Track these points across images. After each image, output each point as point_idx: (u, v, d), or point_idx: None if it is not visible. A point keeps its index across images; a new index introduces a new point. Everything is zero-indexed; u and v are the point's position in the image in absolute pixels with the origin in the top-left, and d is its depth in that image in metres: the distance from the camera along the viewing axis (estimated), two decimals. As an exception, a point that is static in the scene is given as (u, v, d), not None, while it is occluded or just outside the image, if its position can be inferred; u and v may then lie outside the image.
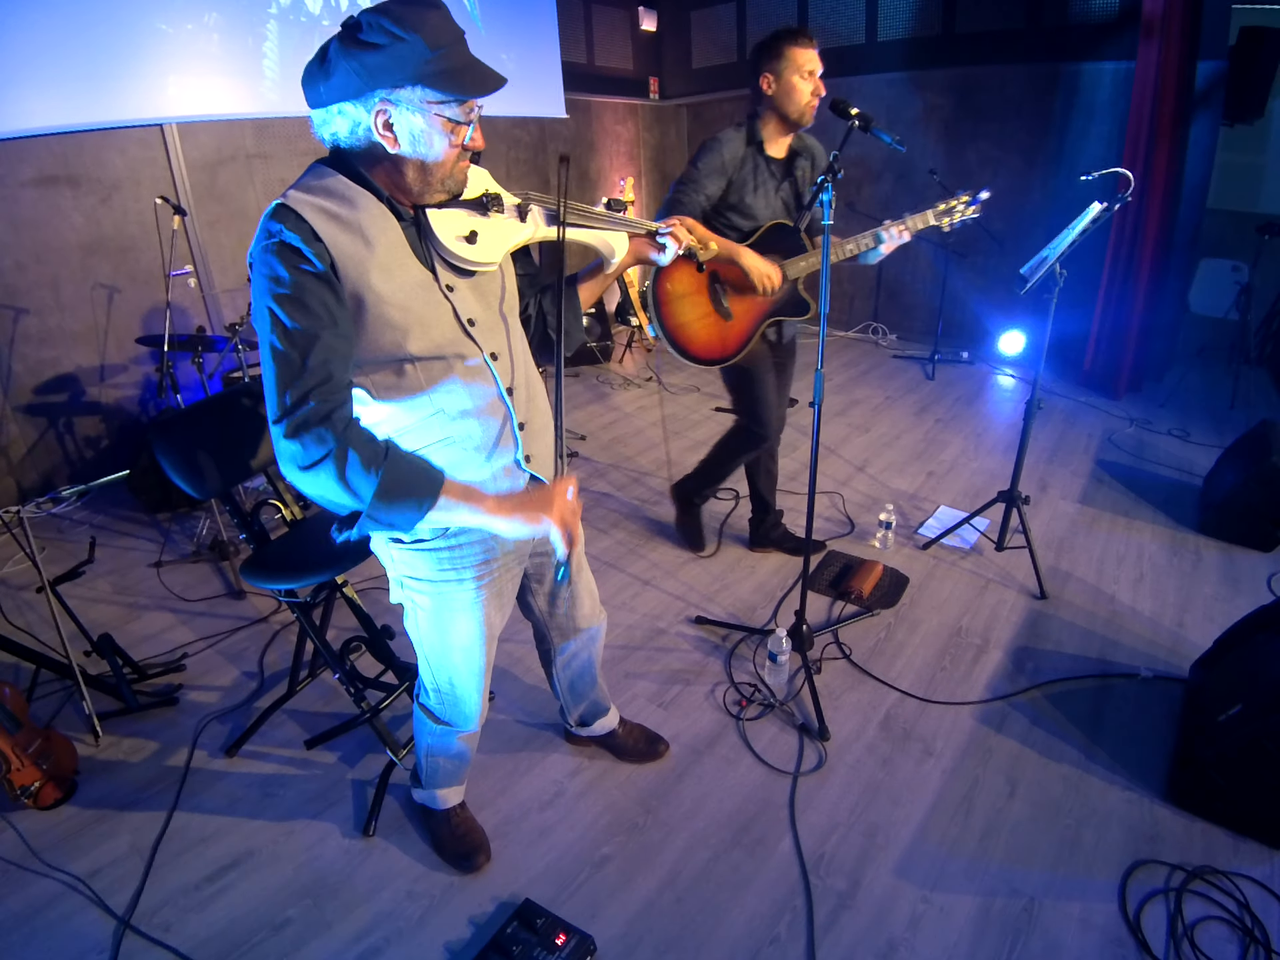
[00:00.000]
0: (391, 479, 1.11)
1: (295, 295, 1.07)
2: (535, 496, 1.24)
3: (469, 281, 1.27)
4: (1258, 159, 5.27)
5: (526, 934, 1.54)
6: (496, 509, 1.21)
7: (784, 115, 2.30)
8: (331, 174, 1.14)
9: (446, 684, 1.53)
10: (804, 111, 2.28)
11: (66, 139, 3.56)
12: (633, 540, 3.21)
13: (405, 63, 1.04)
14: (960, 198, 2.28)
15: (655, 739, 2.08)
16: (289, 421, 1.07)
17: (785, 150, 2.41)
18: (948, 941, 1.57)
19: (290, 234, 1.06)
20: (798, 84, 2.24)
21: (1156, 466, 3.73)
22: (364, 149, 1.13)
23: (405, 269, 1.17)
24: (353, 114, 1.08)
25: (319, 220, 1.09)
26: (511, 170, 5.72)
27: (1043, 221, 5.07)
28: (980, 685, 2.30)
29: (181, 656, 2.54)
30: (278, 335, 1.07)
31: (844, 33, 5.66)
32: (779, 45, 2.24)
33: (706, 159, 2.32)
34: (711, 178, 2.32)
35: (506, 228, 1.28)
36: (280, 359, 1.07)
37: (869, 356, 5.78)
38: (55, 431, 3.81)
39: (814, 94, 2.26)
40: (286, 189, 1.13)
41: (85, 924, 1.66)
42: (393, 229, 1.17)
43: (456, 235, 1.22)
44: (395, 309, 1.15)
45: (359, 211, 1.13)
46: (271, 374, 1.08)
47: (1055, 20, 4.76)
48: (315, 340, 1.07)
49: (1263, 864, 1.70)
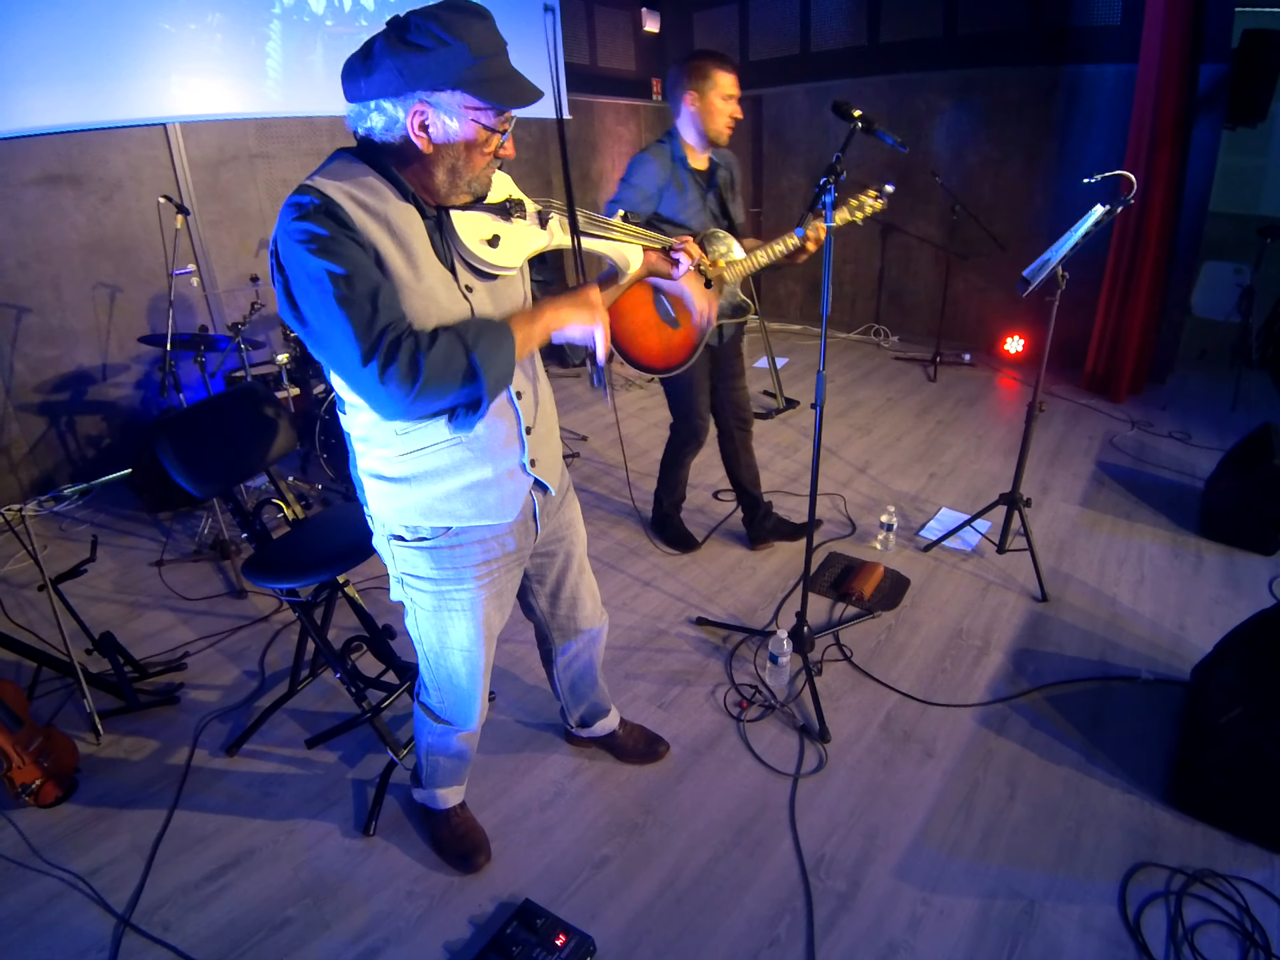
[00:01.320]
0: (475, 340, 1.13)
1: (340, 250, 1.05)
2: (579, 296, 1.28)
3: (486, 285, 1.27)
4: (1260, 161, 5.27)
5: (526, 934, 1.54)
6: (556, 309, 1.26)
7: (702, 132, 2.39)
8: (359, 165, 1.15)
9: (446, 683, 1.54)
10: (721, 132, 2.39)
11: (69, 138, 3.57)
12: (634, 541, 3.21)
13: (448, 67, 1.05)
14: (869, 192, 2.40)
15: (655, 740, 2.08)
16: (379, 356, 1.04)
17: (706, 163, 2.50)
18: (948, 943, 1.57)
19: (327, 204, 1.07)
20: (719, 105, 2.35)
21: (1158, 469, 3.73)
22: (397, 147, 1.13)
23: (429, 265, 1.18)
24: (390, 111, 1.09)
25: (348, 204, 1.09)
26: (512, 170, 5.67)
27: (1045, 224, 5.08)
28: (981, 687, 2.30)
29: (182, 655, 2.54)
30: (341, 286, 1.03)
31: (847, 35, 5.66)
32: (705, 66, 2.35)
33: (636, 176, 2.39)
34: (640, 195, 2.38)
35: (527, 234, 1.30)
36: (350, 307, 1.04)
37: (871, 358, 5.78)
38: (57, 430, 3.82)
39: (731, 116, 2.37)
40: (310, 174, 1.13)
41: (85, 922, 1.66)
42: (417, 224, 1.17)
43: (480, 238, 1.23)
44: (420, 299, 1.16)
45: (386, 203, 1.14)
46: (343, 326, 1.04)
47: (1057, 23, 4.76)
48: (378, 287, 1.07)
49: (1263, 867, 1.70)
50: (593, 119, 6.43)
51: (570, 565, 1.65)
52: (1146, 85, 4.11)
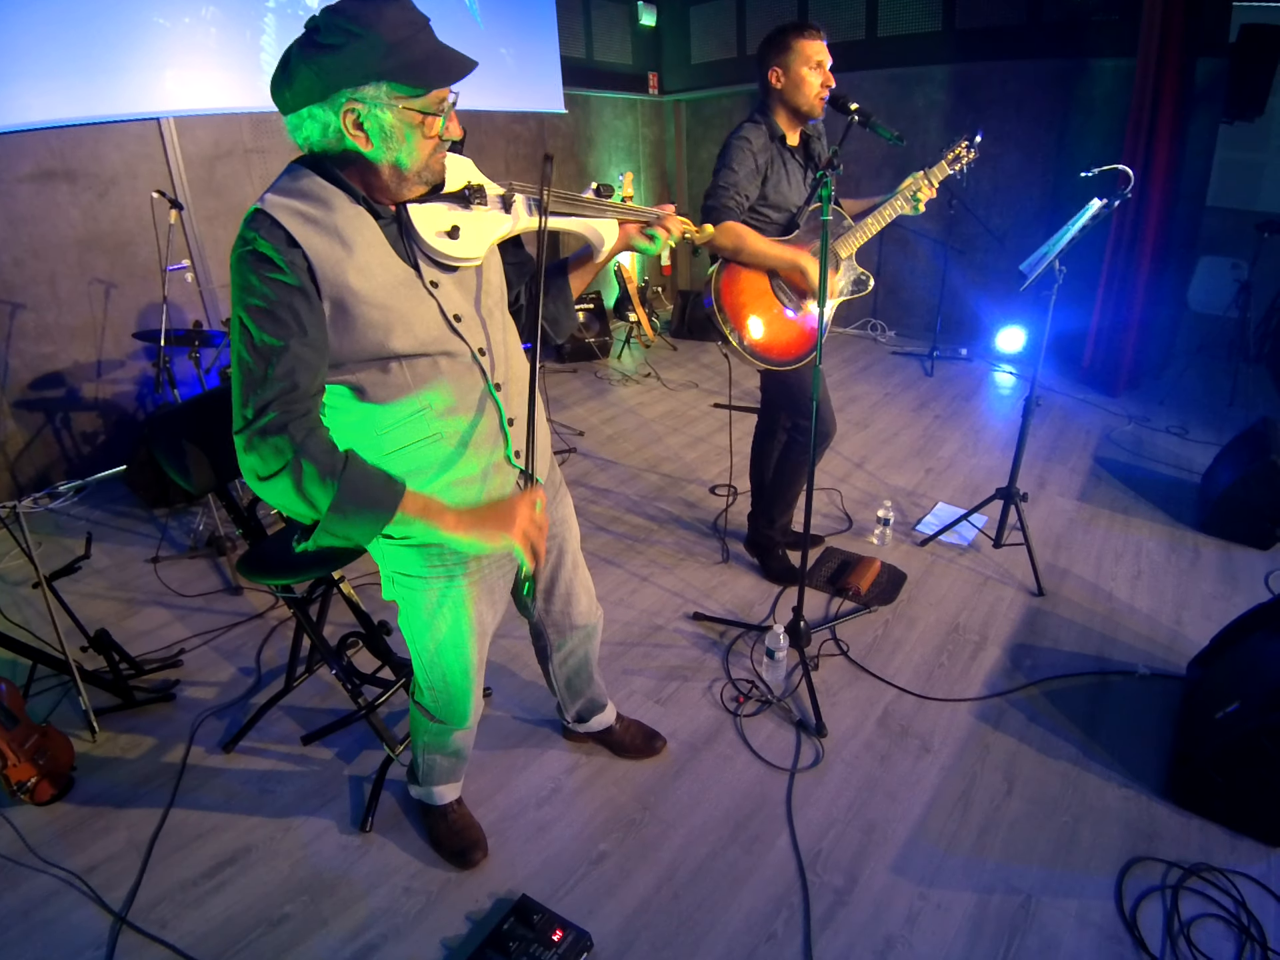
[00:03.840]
0: (348, 491, 1.10)
1: (264, 305, 1.07)
2: (498, 511, 1.21)
3: (454, 277, 1.24)
4: (1258, 156, 5.26)
5: (523, 930, 1.54)
6: (456, 525, 1.19)
7: (794, 108, 2.28)
8: (307, 175, 1.13)
9: (440, 681, 1.53)
10: (814, 104, 2.26)
11: (63, 133, 3.54)
12: (630, 536, 3.21)
13: (364, 60, 1.02)
14: (960, 144, 2.31)
15: (653, 735, 2.08)
16: (248, 432, 1.08)
17: (799, 138, 2.40)
18: (945, 938, 1.58)
19: (264, 242, 1.06)
20: (807, 76, 2.21)
21: (1155, 464, 3.73)
22: (338, 151, 1.11)
23: (385, 268, 1.16)
24: (322, 116, 1.06)
25: (294, 224, 1.08)
26: (511, 165, 5.70)
27: (1042, 218, 5.07)
28: (978, 682, 2.31)
29: (179, 652, 2.54)
30: (245, 345, 1.08)
31: (845, 27, 5.64)
32: (786, 39, 2.21)
33: (741, 160, 2.26)
34: (750, 179, 2.28)
35: (489, 220, 1.25)
36: (245, 369, 1.08)
37: (868, 353, 5.78)
38: (52, 427, 3.80)
39: (823, 85, 2.23)
40: (264, 192, 1.12)
41: (82, 920, 1.66)
42: (370, 228, 1.15)
43: (438, 231, 1.19)
44: (375, 309, 1.14)
45: (334, 213, 1.12)
46: (237, 384, 1.09)
47: (1056, 16, 4.75)
48: (282, 351, 1.07)
49: (1259, 861, 1.70)
50: (589, 113, 6.40)
51: (564, 561, 1.64)
52: (1144, 79, 4.10)
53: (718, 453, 3.95)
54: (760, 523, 2.90)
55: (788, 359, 2.37)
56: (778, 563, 2.89)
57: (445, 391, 1.24)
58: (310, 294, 1.09)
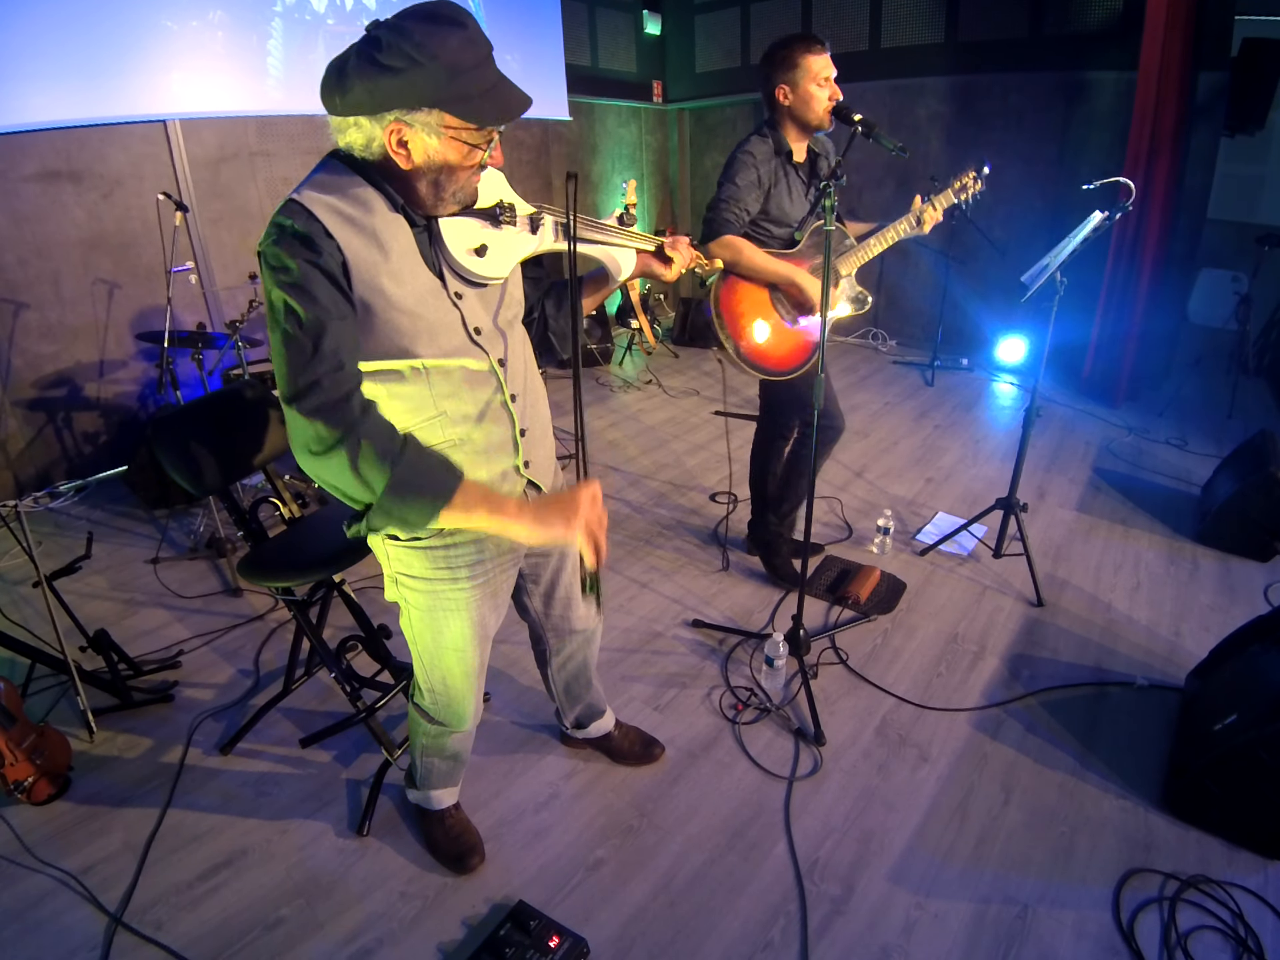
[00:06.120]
0: (407, 473, 1.09)
1: (303, 285, 1.06)
2: (561, 502, 1.20)
3: (477, 291, 1.26)
4: (1258, 170, 5.30)
5: (520, 936, 1.54)
6: (518, 515, 1.18)
7: (803, 123, 2.28)
8: (347, 174, 1.13)
9: (440, 684, 1.53)
10: (823, 118, 2.25)
11: (69, 134, 3.56)
12: (630, 543, 3.21)
13: (423, 89, 1.02)
14: (968, 173, 2.35)
15: (651, 742, 2.08)
16: (304, 401, 1.06)
17: (805, 153, 2.39)
18: (942, 949, 1.57)
19: (300, 229, 1.06)
20: (815, 92, 2.20)
21: (1154, 475, 3.73)
22: (378, 162, 1.12)
23: (416, 276, 1.17)
24: (368, 128, 1.07)
25: (332, 220, 1.08)
26: (514, 172, 5.72)
27: (1043, 230, 5.09)
28: (976, 692, 2.30)
29: (177, 653, 2.54)
30: (290, 323, 1.06)
31: (847, 39, 5.67)
32: (793, 55, 2.19)
33: (743, 173, 2.26)
34: (751, 193, 2.28)
35: (517, 241, 1.27)
36: (292, 345, 1.07)
37: (869, 362, 5.79)
38: (54, 426, 3.81)
39: (830, 99, 2.23)
40: (299, 185, 1.12)
41: (77, 920, 1.65)
42: (405, 235, 1.16)
43: (467, 248, 1.21)
44: (404, 315, 1.15)
45: (374, 215, 1.12)
46: (283, 360, 1.08)
47: (1057, 29, 4.78)
48: (325, 328, 1.07)
49: (1257, 874, 1.70)
50: (593, 121, 6.43)
51: (564, 565, 1.65)
52: (1146, 92, 4.12)
53: (718, 460, 3.95)
54: (768, 519, 2.88)
55: (784, 369, 2.39)
56: (783, 562, 2.88)
57: (462, 400, 1.25)
58: (343, 286, 1.10)
